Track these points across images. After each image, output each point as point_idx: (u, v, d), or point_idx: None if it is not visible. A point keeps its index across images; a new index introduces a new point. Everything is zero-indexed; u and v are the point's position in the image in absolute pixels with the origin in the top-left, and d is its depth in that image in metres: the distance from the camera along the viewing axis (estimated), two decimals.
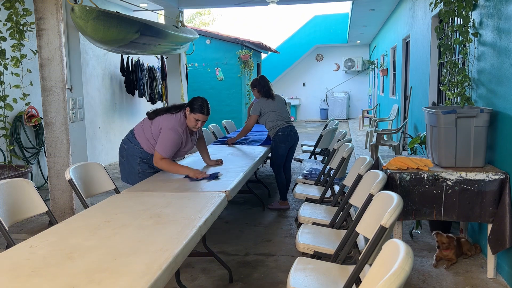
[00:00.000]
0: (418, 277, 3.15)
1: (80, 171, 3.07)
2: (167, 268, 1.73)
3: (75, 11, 4.10)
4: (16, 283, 1.60)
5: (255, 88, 5.11)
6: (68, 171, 2.93)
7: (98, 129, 7.74)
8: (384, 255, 1.53)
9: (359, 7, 9.13)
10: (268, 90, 5.07)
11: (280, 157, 4.99)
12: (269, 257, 3.60)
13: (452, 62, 3.87)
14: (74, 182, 2.92)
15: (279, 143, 4.93)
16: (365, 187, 2.75)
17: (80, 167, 3.09)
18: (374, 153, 6.89)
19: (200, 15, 23.19)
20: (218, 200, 2.74)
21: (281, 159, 5.01)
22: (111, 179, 3.25)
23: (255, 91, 5.12)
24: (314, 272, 2.22)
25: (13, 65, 4.15)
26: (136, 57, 8.25)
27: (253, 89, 5.16)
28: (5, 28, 4.09)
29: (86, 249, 1.90)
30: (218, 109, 12.15)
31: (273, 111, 4.99)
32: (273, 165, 5.09)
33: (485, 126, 3.10)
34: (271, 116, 4.99)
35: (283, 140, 4.94)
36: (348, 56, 16.94)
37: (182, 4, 7.53)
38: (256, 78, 5.20)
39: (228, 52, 12.06)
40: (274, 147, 4.98)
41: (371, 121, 11.40)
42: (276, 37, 29.88)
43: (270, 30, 33.00)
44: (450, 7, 3.72)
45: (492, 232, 3.00)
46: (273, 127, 4.96)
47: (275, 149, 4.98)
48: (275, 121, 4.97)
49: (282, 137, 4.93)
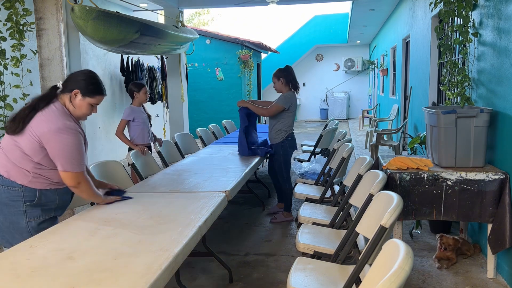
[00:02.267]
0: (418, 277, 3.15)
1: (100, 169, 3.09)
2: (167, 268, 1.73)
3: (75, 11, 4.10)
4: (16, 283, 1.60)
5: (281, 78, 4.42)
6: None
7: (98, 129, 7.74)
8: (384, 255, 1.53)
9: (359, 7, 9.13)
10: (295, 81, 4.48)
11: (289, 163, 4.57)
12: (269, 257, 3.60)
13: (452, 62, 3.87)
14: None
15: (288, 149, 4.50)
16: (365, 187, 2.75)
17: (99, 165, 3.12)
18: (374, 153, 6.89)
19: (199, 15, 23.20)
20: (218, 200, 2.74)
21: (290, 164, 4.60)
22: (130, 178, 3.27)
23: (281, 81, 4.43)
24: (314, 272, 2.22)
25: (13, 65, 4.14)
26: (136, 57, 8.24)
27: (277, 80, 4.44)
28: (5, 28, 4.09)
29: (86, 249, 1.90)
30: (218, 109, 12.16)
31: (295, 112, 4.54)
32: (281, 171, 4.52)
33: (485, 126, 3.10)
34: (292, 118, 4.47)
35: (292, 146, 4.54)
36: (348, 56, 16.93)
37: (182, 4, 7.53)
38: (280, 68, 4.53)
39: (228, 52, 12.06)
40: (283, 152, 4.47)
41: (371, 121, 11.40)
42: (276, 37, 29.85)
43: (270, 30, 33.01)
44: (450, 7, 3.72)
45: (492, 232, 3.00)
46: (286, 130, 4.45)
47: (284, 154, 4.48)
48: (291, 125, 4.50)
49: (292, 142, 4.53)
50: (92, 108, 2.42)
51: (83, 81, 2.36)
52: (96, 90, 2.40)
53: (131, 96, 4.90)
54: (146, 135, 4.83)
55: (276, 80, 4.46)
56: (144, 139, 4.80)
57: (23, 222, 2.27)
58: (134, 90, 4.83)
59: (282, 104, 4.37)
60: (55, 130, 2.23)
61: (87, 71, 2.45)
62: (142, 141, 4.77)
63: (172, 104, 7.89)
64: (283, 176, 4.52)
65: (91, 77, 2.39)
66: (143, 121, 4.84)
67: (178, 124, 7.80)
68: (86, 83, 2.36)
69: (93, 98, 2.38)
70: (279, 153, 4.48)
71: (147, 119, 4.93)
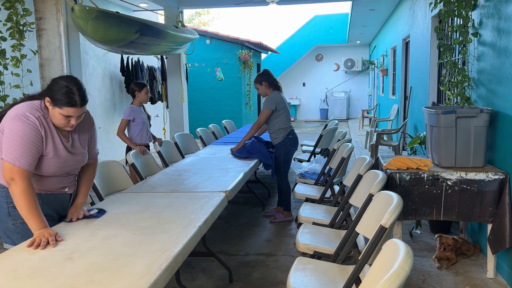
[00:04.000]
0: (418, 277, 3.15)
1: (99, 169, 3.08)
2: (167, 268, 1.73)
3: (75, 11, 4.10)
4: (16, 283, 1.61)
5: (263, 82, 4.45)
6: None
7: (98, 129, 7.73)
8: (384, 255, 1.53)
9: (359, 7, 9.13)
10: (276, 81, 4.51)
11: (289, 162, 4.51)
12: (269, 257, 3.60)
13: (452, 62, 3.87)
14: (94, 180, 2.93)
15: (290, 147, 4.44)
16: (365, 187, 2.75)
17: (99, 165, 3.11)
18: (374, 153, 6.89)
19: (199, 15, 23.21)
20: (218, 200, 2.74)
21: (290, 164, 4.55)
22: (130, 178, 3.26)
23: (263, 86, 4.46)
24: (314, 272, 2.22)
25: (13, 65, 4.14)
26: (136, 57, 8.25)
27: (260, 85, 4.48)
28: (5, 28, 4.09)
29: (86, 250, 1.90)
30: (218, 109, 12.16)
31: (286, 108, 4.48)
32: (278, 171, 4.49)
33: (485, 126, 3.10)
34: (285, 115, 4.44)
35: (294, 144, 4.48)
36: (348, 56, 16.93)
37: (182, 4, 7.53)
38: (259, 73, 4.57)
39: (228, 52, 12.06)
40: (284, 151, 4.42)
41: (371, 121, 11.40)
42: (276, 37, 29.93)
43: (270, 30, 33.04)
44: (450, 7, 3.72)
45: (492, 232, 3.00)
46: (285, 128, 4.42)
47: (285, 153, 4.43)
48: (287, 121, 4.46)
49: (294, 140, 4.47)
50: (66, 120, 2.14)
51: (55, 90, 2.11)
52: (66, 102, 2.09)
53: (132, 95, 4.91)
54: (144, 135, 4.84)
55: (259, 86, 4.49)
56: (143, 139, 4.81)
57: (10, 224, 2.20)
58: (136, 89, 4.84)
59: (267, 108, 4.40)
60: (12, 116, 2.09)
61: (66, 80, 2.14)
62: (140, 140, 4.79)
63: (172, 104, 7.89)
64: (280, 176, 4.49)
65: (65, 87, 2.10)
66: (143, 121, 4.85)
67: (178, 124, 7.80)
68: (57, 93, 2.10)
69: (62, 109, 2.11)
70: (280, 152, 4.44)
71: (146, 119, 4.94)
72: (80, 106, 2.13)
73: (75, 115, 2.14)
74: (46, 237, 1.95)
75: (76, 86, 2.12)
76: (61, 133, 2.22)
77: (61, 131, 2.22)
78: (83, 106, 2.16)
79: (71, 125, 2.17)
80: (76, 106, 2.11)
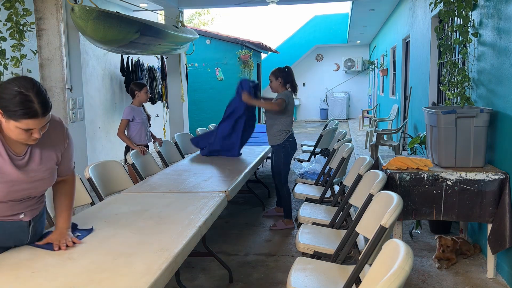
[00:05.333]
0: (418, 277, 3.15)
1: (99, 169, 3.09)
2: (167, 268, 1.73)
3: (75, 11, 4.10)
4: (16, 283, 1.61)
5: (279, 78, 4.26)
6: (87, 170, 2.95)
7: (98, 129, 7.73)
8: (384, 255, 1.53)
9: (359, 7, 9.13)
10: (295, 82, 4.35)
11: (288, 166, 4.37)
12: (269, 257, 3.60)
13: (452, 62, 3.87)
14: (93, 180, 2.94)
15: (290, 150, 4.33)
16: (365, 187, 2.75)
17: (98, 166, 3.11)
18: (374, 153, 6.89)
19: (199, 15, 23.21)
20: (218, 200, 2.74)
21: (289, 168, 4.42)
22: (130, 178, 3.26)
23: (278, 81, 4.27)
24: (314, 272, 2.22)
25: (13, 65, 4.14)
26: (136, 57, 8.25)
27: (275, 79, 4.28)
28: (5, 28, 4.09)
29: (86, 249, 1.90)
30: (218, 109, 12.13)
31: (293, 112, 4.38)
32: (279, 175, 4.33)
33: (485, 126, 3.10)
34: (290, 118, 4.31)
35: (294, 147, 4.38)
36: (348, 56, 16.93)
37: (182, 4, 7.53)
38: (280, 67, 4.37)
39: (228, 52, 12.06)
40: (284, 154, 4.29)
41: (371, 121, 11.40)
42: (276, 37, 29.92)
43: (270, 30, 33.04)
44: (450, 7, 3.72)
45: (492, 232, 3.00)
46: (286, 131, 4.30)
47: (285, 156, 4.30)
48: (290, 125, 4.33)
49: (294, 143, 4.38)
50: (27, 134, 1.73)
51: (6, 99, 1.66)
52: (23, 113, 1.67)
53: (132, 95, 4.91)
54: (143, 135, 4.84)
55: (273, 79, 4.30)
56: (141, 139, 4.81)
57: None
58: (136, 89, 4.85)
59: (282, 97, 4.17)
60: None
61: (19, 85, 1.68)
62: (139, 140, 4.78)
63: (172, 104, 7.89)
64: (280, 180, 4.32)
65: (19, 93, 1.66)
66: (142, 121, 4.85)
67: (178, 124, 7.80)
68: (9, 102, 1.66)
69: (19, 123, 1.68)
70: (279, 155, 4.30)
71: (146, 119, 4.94)
72: (42, 116, 1.71)
73: (37, 127, 1.73)
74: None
75: (33, 90, 1.69)
76: (13, 148, 1.81)
77: (13, 145, 1.81)
78: (46, 114, 1.73)
79: (34, 138, 1.76)
80: (37, 116, 1.70)
